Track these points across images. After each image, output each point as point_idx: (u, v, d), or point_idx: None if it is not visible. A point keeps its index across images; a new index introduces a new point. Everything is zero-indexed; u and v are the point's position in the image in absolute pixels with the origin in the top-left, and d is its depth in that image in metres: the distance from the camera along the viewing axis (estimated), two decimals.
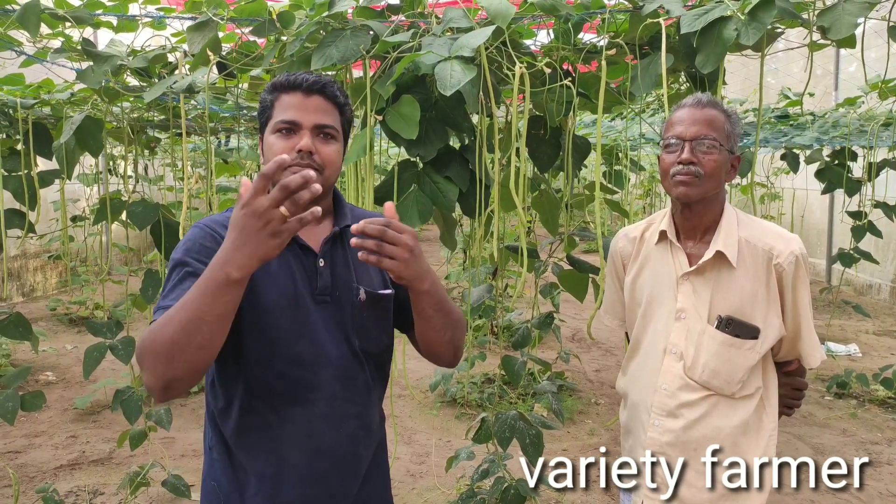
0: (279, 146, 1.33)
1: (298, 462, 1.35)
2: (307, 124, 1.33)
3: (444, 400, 4.83)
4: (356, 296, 1.40)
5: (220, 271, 1.08)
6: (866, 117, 3.89)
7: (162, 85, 2.02)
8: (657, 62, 1.78)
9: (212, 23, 1.91)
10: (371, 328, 1.42)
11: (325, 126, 1.35)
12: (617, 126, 4.32)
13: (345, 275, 1.40)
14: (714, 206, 1.61)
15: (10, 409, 2.49)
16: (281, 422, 1.34)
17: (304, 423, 1.35)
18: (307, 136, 1.33)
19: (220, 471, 1.39)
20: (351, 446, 1.40)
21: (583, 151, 2.21)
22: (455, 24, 1.81)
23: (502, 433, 2.34)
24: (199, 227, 1.34)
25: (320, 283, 1.37)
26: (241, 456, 1.36)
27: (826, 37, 1.78)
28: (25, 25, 1.87)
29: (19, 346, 5.63)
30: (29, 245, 7.41)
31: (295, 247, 1.37)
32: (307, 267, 1.37)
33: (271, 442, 1.35)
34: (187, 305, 1.12)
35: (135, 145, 3.25)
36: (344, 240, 1.42)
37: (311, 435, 1.36)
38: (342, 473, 1.39)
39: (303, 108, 1.34)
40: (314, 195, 1.04)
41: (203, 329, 1.12)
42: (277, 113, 1.35)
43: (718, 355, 1.58)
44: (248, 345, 1.32)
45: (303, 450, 1.36)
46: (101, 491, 3.54)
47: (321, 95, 1.36)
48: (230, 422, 1.36)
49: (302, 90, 1.35)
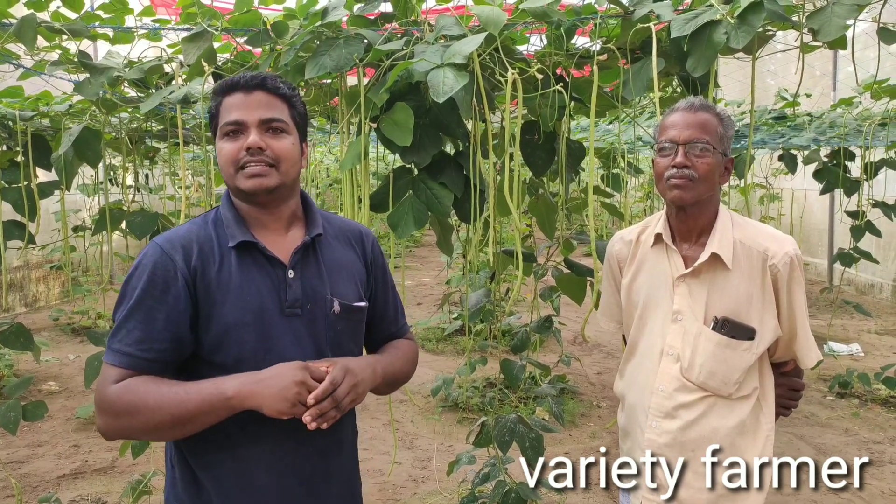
0: (227, 149, 1.30)
1: (266, 483, 1.31)
2: (252, 121, 1.30)
3: (445, 405, 4.83)
4: (330, 308, 1.35)
5: (231, 400, 1.19)
6: (863, 117, 3.90)
7: (158, 95, 2.04)
8: (649, 66, 1.79)
9: (207, 33, 1.93)
10: (345, 341, 1.39)
11: (272, 120, 1.31)
12: (614, 130, 4.33)
13: (318, 286, 1.35)
14: (708, 208, 1.62)
15: (13, 418, 2.50)
16: (246, 440, 1.30)
17: (269, 441, 1.30)
18: (253, 132, 1.29)
19: (183, 489, 1.34)
20: (321, 463, 1.36)
21: (577, 155, 2.22)
22: (447, 31, 1.82)
23: (502, 437, 2.35)
24: (158, 250, 1.29)
25: (290, 296, 1.31)
26: (205, 475, 1.32)
27: (816, 39, 1.80)
28: (22, 39, 1.89)
29: (22, 357, 5.65)
30: (31, 256, 7.44)
31: (261, 258, 1.32)
32: (274, 279, 1.32)
33: (235, 462, 1.30)
34: (183, 406, 1.19)
35: (133, 155, 3.27)
36: (316, 249, 1.38)
37: (277, 453, 1.31)
38: (312, 492, 1.35)
39: (245, 107, 1.30)
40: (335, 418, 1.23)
41: (189, 429, 1.22)
42: (223, 116, 1.32)
43: (715, 356, 1.59)
44: (213, 363, 1.28)
45: (270, 469, 1.31)
46: (103, 500, 3.54)
47: (262, 90, 1.32)
48: (192, 438, 1.29)
49: (241, 89, 1.32)
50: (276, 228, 1.37)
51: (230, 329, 1.27)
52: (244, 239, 1.31)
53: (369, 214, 1.98)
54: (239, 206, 1.37)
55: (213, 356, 1.28)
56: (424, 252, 12.14)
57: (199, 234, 1.33)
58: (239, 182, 1.31)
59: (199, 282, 1.27)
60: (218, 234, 1.33)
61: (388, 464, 3.89)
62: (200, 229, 1.34)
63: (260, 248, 1.32)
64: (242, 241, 1.31)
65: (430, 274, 10.06)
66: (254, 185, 1.30)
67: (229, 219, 1.34)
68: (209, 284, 1.28)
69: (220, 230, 1.34)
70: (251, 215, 1.36)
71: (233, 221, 1.34)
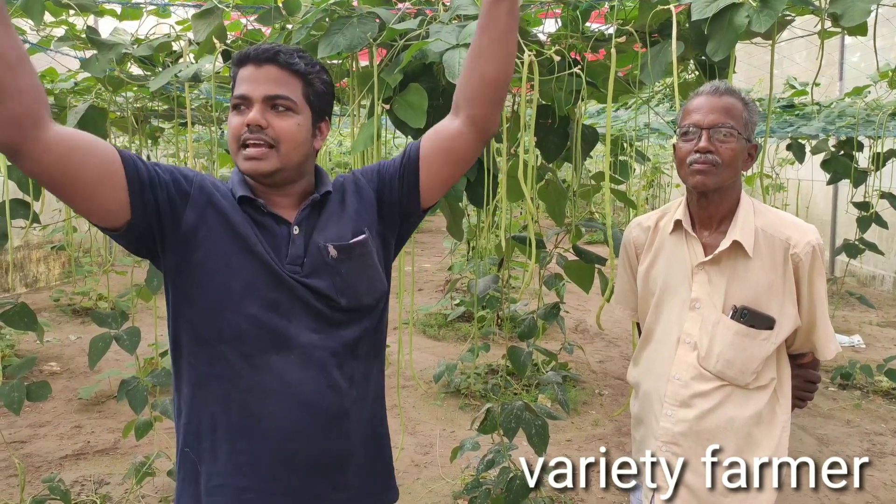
0: (232, 123, 1.28)
1: (274, 413, 1.27)
2: (256, 96, 1.26)
3: (448, 390, 4.83)
4: (327, 255, 1.31)
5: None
6: (873, 107, 3.86)
7: (167, 73, 2.01)
8: (667, 50, 1.76)
9: (217, 10, 1.89)
10: (356, 282, 1.34)
11: (278, 97, 1.27)
12: (622, 116, 4.29)
13: (318, 238, 1.32)
14: (731, 195, 1.59)
15: (16, 398, 2.49)
16: (253, 370, 1.26)
17: (278, 372, 1.26)
18: (256, 108, 1.25)
19: (193, 435, 1.30)
20: (335, 398, 1.31)
21: (590, 141, 2.19)
22: (462, 11, 1.79)
23: (508, 423, 2.34)
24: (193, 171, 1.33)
25: (291, 251, 1.29)
26: (208, 412, 1.28)
27: (838, 24, 1.76)
28: (29, 13, 1.85)
29: (23, 337, 5.63)
30: (32, 236, 7.41)
31: (267, 218, 1.31)
32: (278, 235, 1.30)
33: (241, 393, 1.26)
34: None
35: (139, 135, 3.23)
36: (323, 207, 1.36)
37: (288, 384, 1.27)
38: (323, 427, 1.30)
39: (253, 80, 1.27)
40: None
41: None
42: (235, 89, 1.29)
43: (733, 345, 1.56)
44: (216, 290, 1.26)
45: (279, 401, 1.27)
46: (106, 481, 3.54)
47: (273, 65, 1.27)
48: (195, 368, 1.27)
49: (252, 61, 1.28)
50: (285, 205, 1.35)
51: (210, 258, 1.26)
52: (244, 193, 1.31)
53: None
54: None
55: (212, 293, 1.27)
56: (425, 238, 12.11)
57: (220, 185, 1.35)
58: (238, 161, 1.30)
59: (204, 202, 1.29)
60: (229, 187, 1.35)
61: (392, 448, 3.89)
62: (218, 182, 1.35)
63: (260, 204, 1.31)
64: (244, 196, 1.31)
65: (432, 260, 10.03)
66: (250, 167, 1.28)
67: (235, 182, 1.34)
68: (214, 208, 1.29)
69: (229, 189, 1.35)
70: (259, 189, 1.34)
71: (238, 182, 1.34)
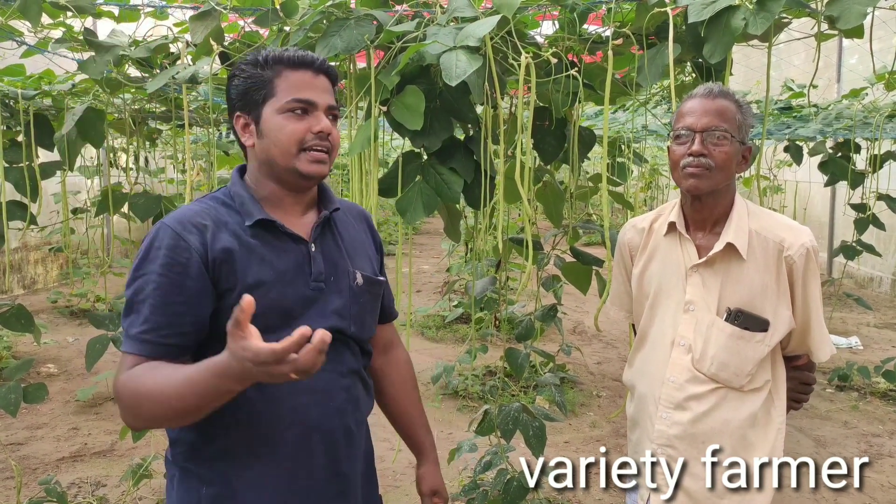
0: (291, 127, 1.26)
1: (283, 436, 1.27)
2: (322, 104, 1.28)
3: (445, 392, 4.82)
4: (353, 280, 1.35)
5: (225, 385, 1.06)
6: (870, 109, 3.87)
7: (165, 75, 2.01)
8: (664, 52, 1.76)
9: (214, 12, 1.89)
10: (365, 316, 1.39)
11: (334, 107, 1.31)
12: (619, 118, 4.30)
13: (339, 259, 1.35)
14: (725, 197, 1.60)
15: (13, 400, 2.49)
16: (261, 394, 1.24)
17: (287, 394, 1.26)
18: (324, 117, 1.28)
19: (198, 454, 1.29)
20: (340, 421, 1.33)
21: (588, 143, 2.19)
22: (460, 13, 1.79)
23: (506, 425, 2.34)
24: (170, 232, 1.22)
25: (315, 269, 1.30)
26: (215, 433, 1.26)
27: (834, 27, 1.77)
28: (27, 15, 1.85)
29: (20, 339, 5.63)
30: (29, 237, 7.40)
31: (282, 236, 1.29)
32: (297, 255, 1.30)
33: (250, 417, 1.25)
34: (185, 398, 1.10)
35: (136, 137, 3.23)
36: (333, 225, 1.38)
37: (294, 408, 1.27)
38: (332, 451, 1.32)
39: (314, 88, 1.28)
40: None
41: (198, 415, 1.13)
42: (286, 91, 1.27)
43: (727, 348, 1.57)
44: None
45: (287, 424, 1.27)
46: (103, 483, 3.53)
47: (326, 76, 1.31)
48: None
49: (310, 67, 1.29)
50: (295, 211, 1.35)
51: (251, 289, 1.21)
52: (262, 217, 1.28)
53: (377, 200, 1.96)
54: (259, 185, 1.33)
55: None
56: (423, 240, 12.12)
57: (211, 212, 1.28)
58: (300, 164, 1.27)
59: (217, 257, 1.22)
60: (231, 212, 1.29)
61: (389, 450, 3.88)
62: (211, 208, 1.29)
63: (278, 225, 1.29)
64: (260, 219, 1.28)
65: (429, 262, 10.04)
66: (316, 170, 1.29)
67: (244, 197, 1.31)
68: (230, 256, 1.23)
69: (232, 209, 1.30)
70: (275, 195, 1.32)
71: (248, 200, 1.30)
